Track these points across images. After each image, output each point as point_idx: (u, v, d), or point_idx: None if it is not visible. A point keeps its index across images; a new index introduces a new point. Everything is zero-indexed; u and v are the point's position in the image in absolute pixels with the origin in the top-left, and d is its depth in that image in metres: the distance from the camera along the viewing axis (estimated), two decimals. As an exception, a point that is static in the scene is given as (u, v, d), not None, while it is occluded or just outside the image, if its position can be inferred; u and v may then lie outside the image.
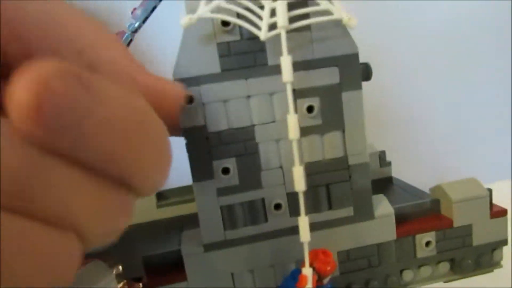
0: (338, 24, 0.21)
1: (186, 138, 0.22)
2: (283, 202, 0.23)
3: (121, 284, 0.22)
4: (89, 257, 0.23)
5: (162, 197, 0.34)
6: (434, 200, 0.26)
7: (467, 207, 0.25)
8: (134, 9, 0.29)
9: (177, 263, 0.23)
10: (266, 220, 0.23)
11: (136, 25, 0.29)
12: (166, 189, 0.35)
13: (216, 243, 0.23)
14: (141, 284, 0.23)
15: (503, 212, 0.26)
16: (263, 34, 0.19)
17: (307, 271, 0.21)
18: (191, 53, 0.21)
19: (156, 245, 0.27)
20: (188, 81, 0.21)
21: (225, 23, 0.21)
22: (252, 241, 0.23)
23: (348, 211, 0.24)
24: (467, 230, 0.26)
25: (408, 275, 0.25)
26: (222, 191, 0.23)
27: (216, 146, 0.22)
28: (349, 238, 0.24)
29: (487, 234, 0.26)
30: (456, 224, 0.25)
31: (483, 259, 0.26)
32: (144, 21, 0.29)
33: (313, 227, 0.23)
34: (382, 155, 0.38)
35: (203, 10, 0.19)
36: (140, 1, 0.29)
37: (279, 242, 0.23)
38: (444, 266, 0.26)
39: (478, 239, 0.26)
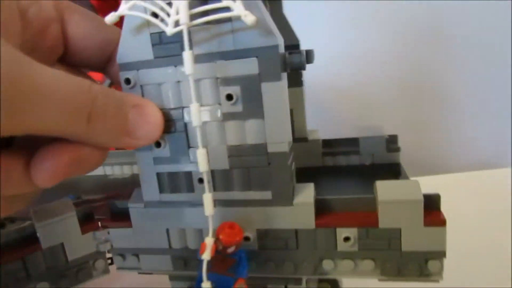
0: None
1: (129, 113, 0.26)
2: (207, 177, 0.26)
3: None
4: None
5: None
6: (369, 198, 0.26)
7: (395, 209, 0.24)
8: None
9: (130, 213, 0.29)
10: (193, 190, 0.27)
11: None
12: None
13: (153, 202, 0.28)
14: (99, 223, 0.29)
15: (440, 222, 0.24)
16: (168, 30, 0.22)
17: (208, 240, 0.24)
18: (130, 41, 0.25)
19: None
20: (129, 65, 0.25)
21: (156, 15, 0.24)
22: (182, 205, 0.27)
23: (266, 195, 0.26)
24: (395, 233, 0.25)
25: (328, 265, 0.26)
26: (158, 161, 0.27)
27: (151, 122, 0.26)
28: (267, 219, 0.26)
29: (420, 242, 0.25)
30: (382, 225, 0.25)
31: (412, 267, 0.25)
32: None
33: (234, 203, 0.26)
34: (392, 139, 0.36)
35: (122, 8, 0.23)
36: None
37: (203, 211, 0.27)
38: (368, 264, 0.26)
39: (408, 245, 0.25)
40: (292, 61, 0.24)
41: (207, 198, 0.24)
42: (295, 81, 0.35)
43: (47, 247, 0.27)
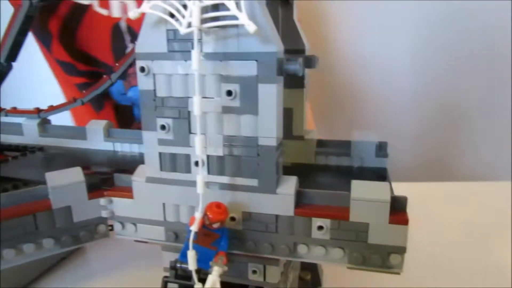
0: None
1: (141, 97, 0.30)
2: (203, 161, 0.29)
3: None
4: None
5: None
6: (344, 194, 0.29)
7: (365, 206, 0.28)
8: None
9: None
10: (190, 171, 0.30)
11: None
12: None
13: (154, 178, 0.31)
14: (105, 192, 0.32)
15: (403, 221, 0.27)
16: (182, 29, 0.25)
17: (197, 214, 0.27)
18: (148, 34, 0.28)
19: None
20: (145, 55, 0.29)
21: (172, 15, 0.27)
22: (179, 184, 0.31)
23: (253, 182, 0.29)
24: (363, 227, 0.28)
25: (302, 249, 0.30)
26: (162, 142, 0.30)
27: (159, 107, 0.29)
28: (252, 203, 0.29)
29: (384, 237, 0.28)
30: (352, 219, 0.28)
31: (375, 258, 0.28)
32: None
33: (224, 186, 0.29)
34: (382, 146, 0.39)
35: (145, 6, 0.26)
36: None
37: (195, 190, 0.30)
38: (338, 253, 0.29)
39: (373, 238, 0.28)
40: (288, 68, 0.28)
41: (200, 178, 0.27)
42: (298, 82, 0.39)
43: (57, 208, 0.31)
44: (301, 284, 0.45)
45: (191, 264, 0.27)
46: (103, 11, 0.43)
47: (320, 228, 0.29)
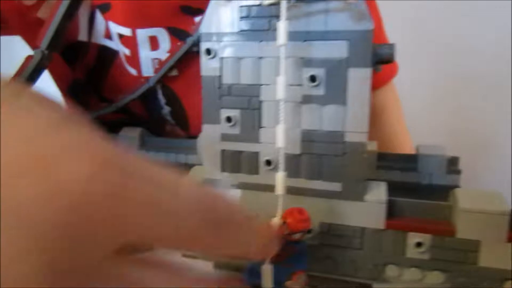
0: (356, -2, 0.22)
1: (203, 84, 0.25)
2: (275, 160, 0.25)
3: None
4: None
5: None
6: (446, 205, 0.24)
7: (477, 219, 0.22)
8: None
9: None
10: (257, 172, 0.26)
11: None
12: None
13: (214, 181, 0.26)
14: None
15: (526, 239, 0.22)
16: (265, 1, 0.22)
17: (276, 220, 0.22)
18: (217, 11, 0.24)
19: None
20: (211, 36, 0.25)
21: (249, -12, 0.23)
22: (242, 187, 0.26)
23: (336, 186, 0.24)
24: (473, 246, 0.23)
25: (392, 271, 0.24)
26: (225, 137, 0.26)
27: (225, 96, 0.25)
28: (333, 212, 0.24)
29: (499, 259, 0.23)
30: (460, 235, 0.23)
31: (486, 285, 0.23)
32: None
33: (300, 191, 0.25)
34: (453, 160, 0.34)
35: (221, -26, 0.22)
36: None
37: (264, 196, 0.25)
38: (437, 276, 0.24)
39: (485, 260, 0.23)
40: (381, 52, 0.23)
41: (280, 176, 0.23)
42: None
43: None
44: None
45: (267, 282, 0.22)
46: (132, 71, 0.39)
47: (419, 245, 0.23)
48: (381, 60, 0.24)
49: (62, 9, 0.28)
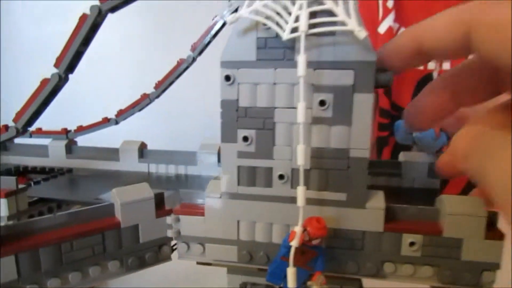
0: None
1: (222, 107, 0.28)
2: (287, 174, 0.28)
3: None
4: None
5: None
6: (434, 209, 0.28)
7: (460, 221, 0.27)
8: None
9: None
10: (271, 185, 0.28)
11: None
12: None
13: (230, 194, 0.29)
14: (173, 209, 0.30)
15: (499, 236, 0.27)
16: (285, 35, 0.25)
17: (298, 229, 0.25)
18: (236, 42, 0.27)
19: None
20: (231, 64, 0.27)
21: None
22: (257, 199, 0.29)
23: (341, 196, 0.28)
24: (457, 243, 0.27)
25: (389, 268, 0.28)
26: (242, 154, 0.28)
27: (242, 118, 0.28)
28: (339, 219, 0.28)
29: (478, 253, 0.27)
30: (446, 234, 0.27)
31: (467, 276, 0.27)
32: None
33: (310, 201, 0.28)
34: (434, 166, 0.39)
35: (244, 11, 0.25)
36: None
37: (278, 206, 0.28)
38: (427, 270, 0.28)
39: (467, 255, 0.27)
40: (380, 78, 0.27)
41: (301, 190, 0.26)
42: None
43: (125, 226, 0.28)
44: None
45: (291, 283, 0.25)
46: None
47: (412, 244, 0.27)
48: (379, 85, 0.28)
49: (81, 36, 0.29)
